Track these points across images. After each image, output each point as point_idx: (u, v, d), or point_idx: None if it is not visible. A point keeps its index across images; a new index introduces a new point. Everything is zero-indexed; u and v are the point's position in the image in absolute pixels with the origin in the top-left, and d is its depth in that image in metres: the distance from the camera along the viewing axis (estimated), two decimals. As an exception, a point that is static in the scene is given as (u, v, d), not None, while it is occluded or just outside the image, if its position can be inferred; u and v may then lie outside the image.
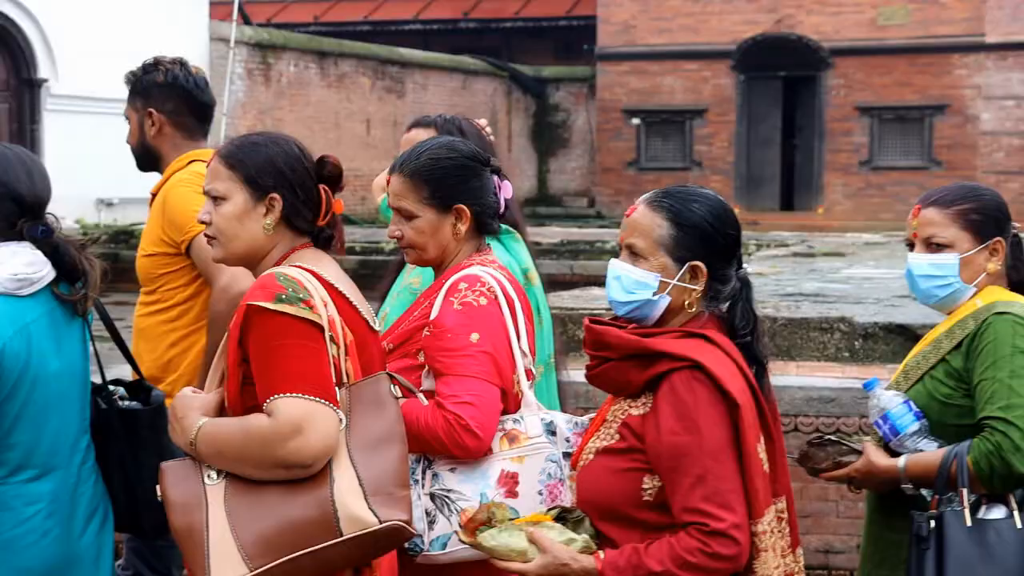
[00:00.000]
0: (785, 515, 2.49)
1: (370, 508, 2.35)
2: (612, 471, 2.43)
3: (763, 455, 2.41)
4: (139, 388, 3.15)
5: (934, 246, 2.99)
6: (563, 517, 2.50)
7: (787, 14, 23.51)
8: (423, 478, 2.81)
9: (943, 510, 2.77)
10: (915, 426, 2.93)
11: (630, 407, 2.45)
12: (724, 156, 24.26)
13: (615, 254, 2.79)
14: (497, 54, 26.37)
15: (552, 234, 17.30)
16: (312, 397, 2.36)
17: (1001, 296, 2.97)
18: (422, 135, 3.50)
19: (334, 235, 2.62)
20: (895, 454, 2.93)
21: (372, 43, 22.89)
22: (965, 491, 2.76)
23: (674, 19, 24.13)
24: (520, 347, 2.90)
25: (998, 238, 2.99)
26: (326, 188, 2.59)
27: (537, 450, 2.78)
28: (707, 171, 24.16)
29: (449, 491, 2.79)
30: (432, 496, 2.79)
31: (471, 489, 2.76)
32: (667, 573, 2.32)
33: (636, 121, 24.62)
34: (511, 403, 2.87)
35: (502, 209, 3.06)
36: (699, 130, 24.36)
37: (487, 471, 2.78)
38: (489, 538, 2.47)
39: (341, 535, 2.33)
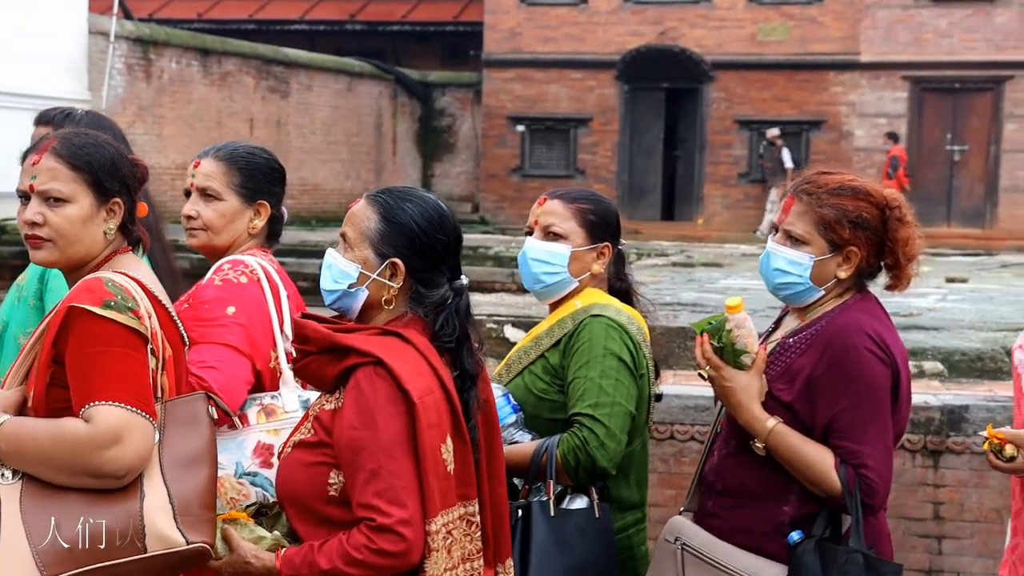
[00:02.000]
0: (476, 519, 2.47)
1: (178, 528, 2.30)
2: (303, 464, 2.44)
3: (448, 456, 2.40)
4: None
5: (551, 235, 3.14)
6: (263, 513, 2.52)
7: (671, 27, 23.87)
8: None
9: (531, 500, 2.92)
10: (512, 418, 3.06)
11: (325, 402, 2.46)
12: (607, 165, 24.51)
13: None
14: (383, 57, 26.26)
15: (435, 239, 17.22)
16: (132, 408, 2.31)
17: (599, 299, 3.14)
18: (43, 132, 3.45)
19: (142, 237, 2.61)
20: None
21: (257, 42, 22.61)
22: (551, 482, 2.90)
23: (560, 28, 24.31)
24: (283, 330, 2.98)
25: (607, 243, 3.17)
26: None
27: (293, 424, 2.80)
28: (590, 179, 24.37)
29: None
30: None
31: (227, 458, 2.81)
32: (335, 570, 2.32)
33: (521, 128, 24.73)
34: (268, 380, 2.95)
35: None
36: (583, 139, 24.57)
37: (244, 442, 2.85)
38: None
39: (145, 551, 2.28)
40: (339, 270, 2.50)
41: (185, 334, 2.57)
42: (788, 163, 21.66)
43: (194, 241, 3.09)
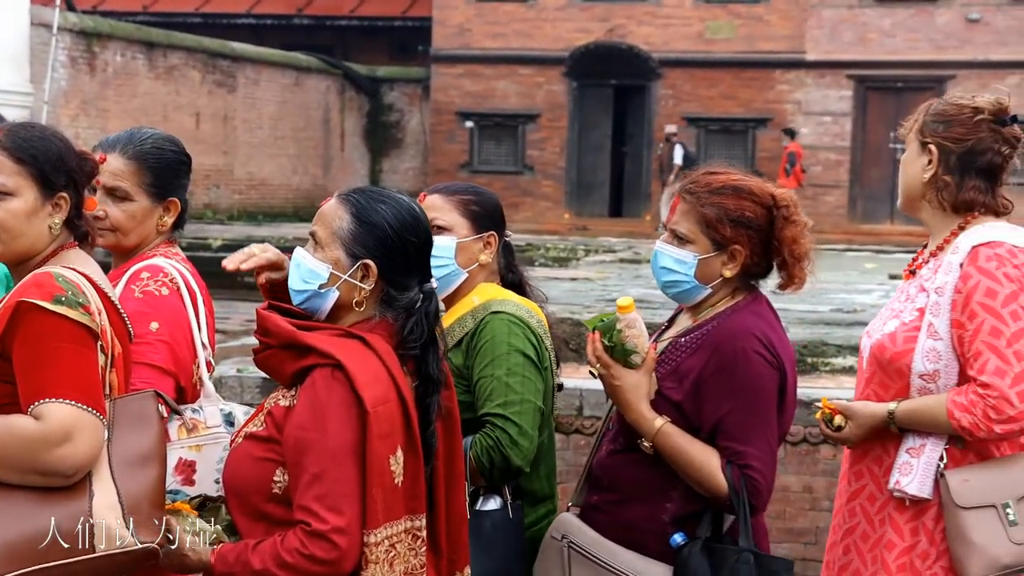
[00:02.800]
0: (423, 535, 2.42)
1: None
2: (251, 458, 2.40)
3: (397, 468, 2.36)
4: None
5: (436, 228, 3.07)
6: (206, 506, 2.52)
7: (619, 24, 23.95)
8: None
9: None
10: None
11: (281, 398, 2.43)
12: (556, 161, 24.55)
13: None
14: (331, 52, 26.13)
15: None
16: (83, 405, 2.28)
17: (496, 294, 3.13)
18: None
19: (88, 232, 2.56)
20: None
21: (203, 36, 22.42)
22: (465, 484, 2.81)
23: (509, 24, 24.32)
24: (201, 339, 2.91)
25: (492, 232, 3.16)
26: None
27: (215, 439, 2.78)
28: (539, 176, 24.41)
29: None
30: None
31: None
32: (266, 571, 2.29)
33: (470, 124, 24.72)
34: (190, 395, 2.89)
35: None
36: (532, 135, 24.60)
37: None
38: None
39: (95, 551, 2.24)
40: (308, 270, 2.44)
41: (132, 331, 2.53)
42: (677, 160, 21.50)
43: (102, 241, 2.93)
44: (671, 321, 3.08)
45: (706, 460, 2.80)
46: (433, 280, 2.53)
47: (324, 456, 2.30)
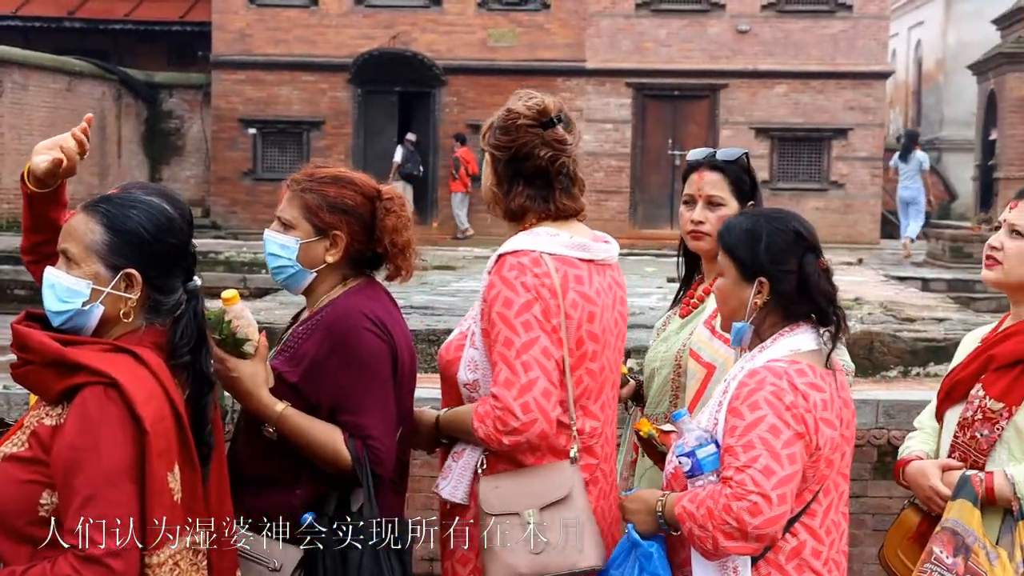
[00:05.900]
0: (202, 548, 2.41)
1: None
2: (12, 480, 2.30)
3: (175, 485, 2.32)
4: None
5: None
6: None
7: (402, 31, 23.95)
8: None
9: None
10: None
11: (45, 416, 2.34)
12: (341, 168, 24.33)
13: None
14: (106, 56, 25.27)
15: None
16: None
17: None
18: None
19: None
20: None
21: (-34, 38, 21.36)
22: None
23: (291, 30, 24.01)
24: None
25: None
26: None
27: None
28: (324, 183, 24.12)
29: None
30: None
31: None
32: None
33: (252, 131, 24.28)
34: None
35: None
36: (316, 142, 24.35)
37: None
38: None
39: None
40: (66, 288, 2.35)
41: None
42: (397, 158, 22.34)
43: None
44: (296, 317, 3.15)
45: (328, 436, 2.86)
46: (197, 278, 2.48)
47: (97, 477, 2.21)
